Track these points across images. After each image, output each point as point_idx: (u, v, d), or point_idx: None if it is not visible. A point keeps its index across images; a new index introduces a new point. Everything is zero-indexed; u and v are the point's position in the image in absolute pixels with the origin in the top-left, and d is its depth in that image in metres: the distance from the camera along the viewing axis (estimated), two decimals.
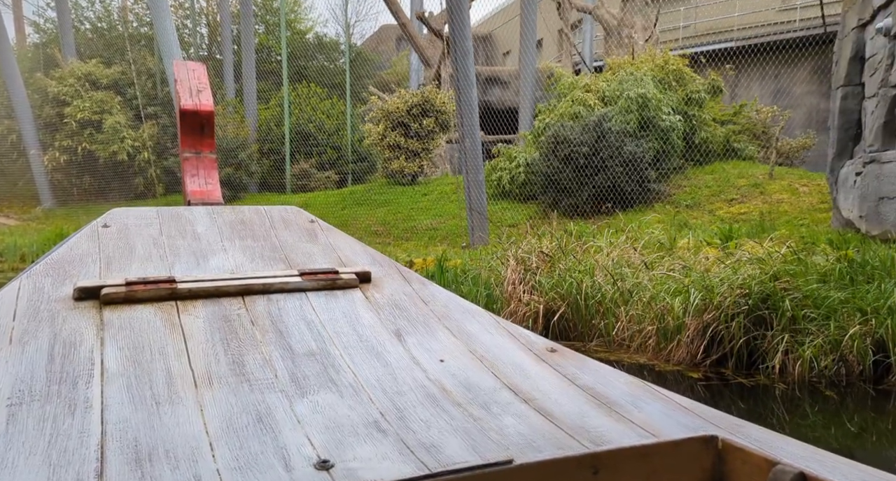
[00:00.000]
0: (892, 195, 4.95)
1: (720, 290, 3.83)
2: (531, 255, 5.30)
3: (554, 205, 10.56)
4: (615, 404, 1.14)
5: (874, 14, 5.47)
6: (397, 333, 1.41)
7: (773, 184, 9.31)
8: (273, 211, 2.02)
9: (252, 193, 16.66)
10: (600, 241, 6.05)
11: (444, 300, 1.60)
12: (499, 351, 1.36)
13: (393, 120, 13.79)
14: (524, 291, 5.06)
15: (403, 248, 9.62)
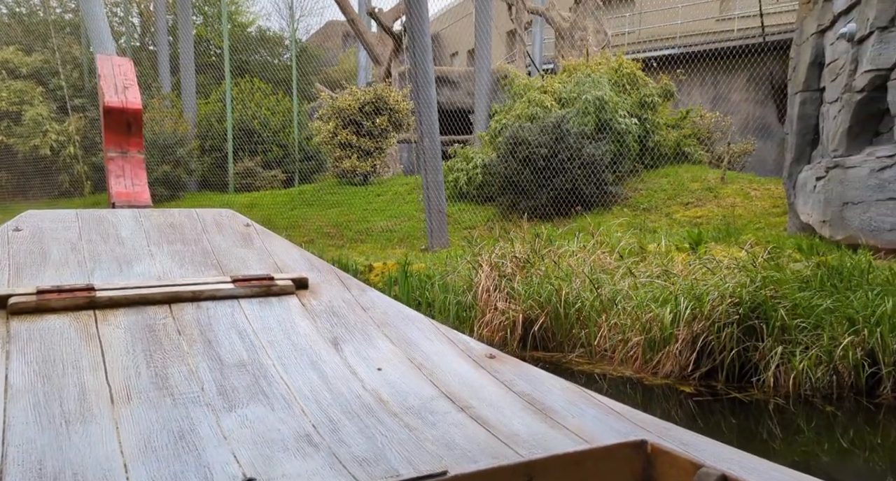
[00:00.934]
0: (856, 200, 5.01)
1: (710, 299, 3.69)
2: (505, 260, 5.06)
3: (513, 207, 10.42)
4: (551, 410, 1.14)
5: (834, 20, 5.55)
6: (334, 341, 1.36)
7: (726, 188, 9.51)
8: (206, 214, 1.95)
9: (192, 192, 15.75)
10: (570, 245, 5.90)
11: (384, 307, 1.56)
12: (438, 358, 1.33)
13: (344, 118, 13.32)
14: (500, 299, 4.82)
15: (359, 251, 9.22)
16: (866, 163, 4.89)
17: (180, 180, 15.11)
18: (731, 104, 17.14)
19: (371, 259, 8.15)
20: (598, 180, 9.78)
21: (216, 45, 22.63)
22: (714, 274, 4.04)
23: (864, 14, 4.80)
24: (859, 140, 5.06)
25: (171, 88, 18.12)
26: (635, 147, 10.73)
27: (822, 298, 3.69)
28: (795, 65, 6.48)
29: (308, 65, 22.71)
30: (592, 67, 11.51)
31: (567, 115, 10.22)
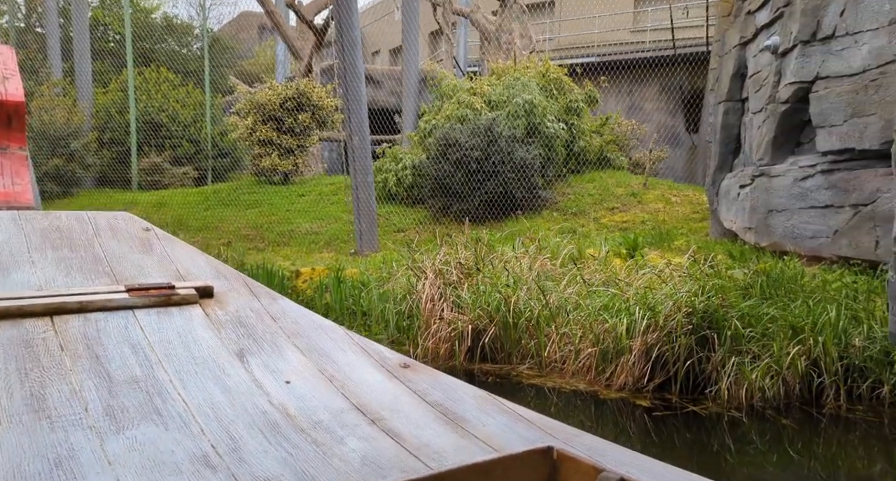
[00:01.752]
0: (780, 208, 5.24)
1: (664, 309, 3.65)
2: (450, 267, 4.83)
3: (445, 209, 10.24)
4: (462, 420, 1.14)
5: (756, 33, 5.79)
6: (240, 353, 1.30)
7: (648, 194, 9.83)
8: (99, 217, 1.84)
9: (88, 189, 14.35)
10: (510, 250, 5.78)
11: (296, 316, 1.51)
12: (350, 369, 1.30)
13: (264, 113, 12.60)
14: (445, 308, 4.59)
15: (282, 255, 8.68)
16: (790, 173, 5.11)
17: (74, 175, 13.71)
18: (645, 113, 17.91)
19: (297, 263, 7.67)
20: (530, 184, 9.82)
21: (115, 31, 20.90)
22: (666, 282, 4.02)
23: (787, 28, 5.02)
24: (783, 150, 5.29)
25: (64, 75, 16.45)
26: (563, 152, 10.88)
27: (766, 307, 3.75)
28: (718, 75, 6.73)
29: (221, 56, 21.50)
30: (520, 71, 11.57)
31: (498, 118, 10.19)
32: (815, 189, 4.85)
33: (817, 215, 4.84)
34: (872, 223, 4.33)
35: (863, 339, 3.37)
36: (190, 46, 24.65)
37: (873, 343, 3.34)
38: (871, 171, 4.35)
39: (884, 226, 4.24)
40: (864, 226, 4.40)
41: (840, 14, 4.48)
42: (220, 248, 7.84)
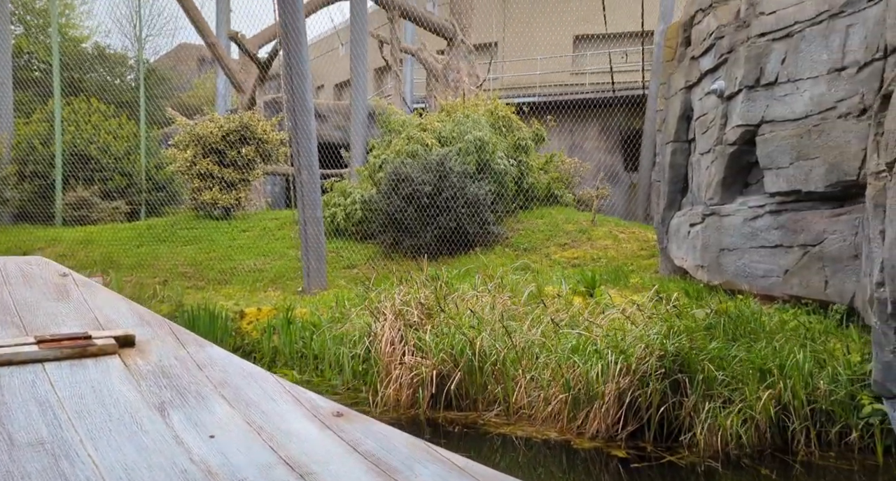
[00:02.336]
0: (731, 247, 5.37)
1: (636, 352, 3.57)
2: (410, 307, 4.63)
3: (395, 245, 10.05)
4: (395, 471, 1.11)
5: (700, 77, 6.04)
6: (161, 407, 1.23)
7: (597, 231, 10.01)
8: (9, 262, 1.74)
9: (5, 225, 13.26)
10: (467, 288, 5.64)
11: (224, 364, 1.45)
12: (280, 419, 1.24)
13: (205, 146, 12.14)
14: (407, 352, 4.36)
15: (224, 294, 8.20)
16: (739, 212, 5.27)
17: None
18: (585, 152, 18.51)
19: (241, 303, 7.24)
20: (482, 220, 9.80)
21: (41, 59, 19.91)
22: (635, 324, 3.96)
23: (732, 73, 5.25)
24: (732, 190, 5.47)
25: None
26: (513, 188, 10.98)
27: (734, 349, 3.73)
28: (665, 117, 6.97)
29: (157, 88, 20.84)
30: (470, 108, 11.71)
31: (449, 154, 10.19)
32: (765, 229, 5.00)
33: (768, 254, 4.97)
34: (821, 263, 4.46)
35: (828, 383, 3.39)
36: (123, 77, 23.82)
37: (839, 386, 3.36)
38: (818, 213, 4.52)
39: (832, 267, 4.38)
40: (813, 266, 4.54)
41: (781, 62, 4.71)
42: (155, 288, 7.32)
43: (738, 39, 5.18)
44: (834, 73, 4.27)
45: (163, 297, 7.03)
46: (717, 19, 5.59)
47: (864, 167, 4.09)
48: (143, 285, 7.56)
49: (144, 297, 6.86)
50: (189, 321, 5.99)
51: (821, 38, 4.35)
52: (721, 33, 5.44)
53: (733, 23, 5.33)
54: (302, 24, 8.31)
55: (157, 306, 6.81)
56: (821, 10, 4.33)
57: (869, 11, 3.97)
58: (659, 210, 7.12)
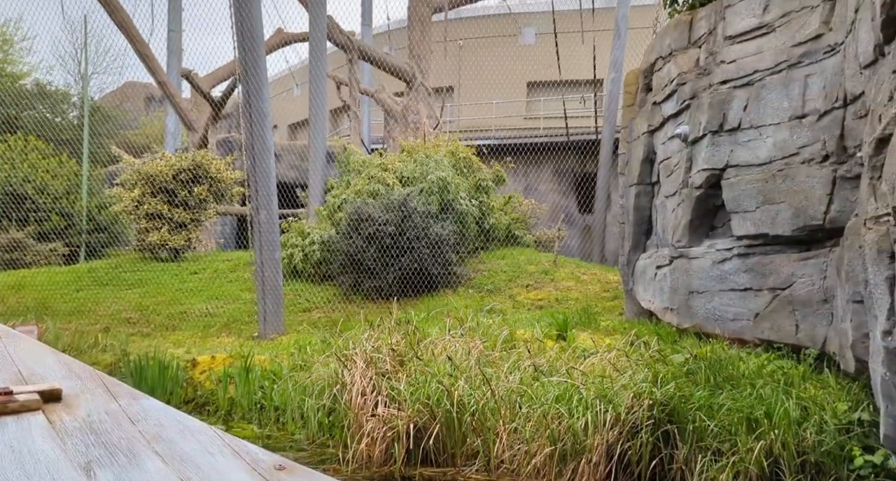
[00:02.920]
0: (701, 290, 5.39)
1: (624, 401, 3.44)
2: (382, 354, 4.38)
3: (356, 286, 9.75)
4: None
5: (663, 122, 6.21)
6: (87, 467, 1.16)
7: (559, 272, 10.03)
8: None
9: None
10: (435, 332, 5.44)
11: (159, 417, 1.39)
12: (217, 475, 1.19)
13: (155, 185, 11.65)
14: (380, 402, 4.09)
15: (172, 340, 7.67)
16: (708, 255, 5.33)
17: None
18: (541, 194, 18.84)
19: (192, 351, 6.76)
20: (445, 260, 9.67)
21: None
22: (619, 371, 3.84)
23: (695, 118, 5.41)
24: (699, 232, 5.54)
25: None
26: (475, 228, 10.95)
27: (719, 397, 3.65)
28: (628, 160, 7.11)
29: (102, 126, 20.18)
30: (430, 149, 11.74)
31: (412, 194, 10.10)
32: (734, 272, 5.04)
33: (737, 298, 5.00)
34: (791, 307, 4.50)
35: (815, 432, 3.33)
36: (65, 115, 23.03)
37: (827, 436, 3.30)
38: (785, 256, 4.58)
39: (802, 310, 4.42)
40: (783, 310, 4.57)
41: (744, 109, 4.88)
42: (97, 336, 6.77)
43: (701, 86, 5.36)
44: (795, 121, 4.42)
45: (105, 346, 6.50)
46: (677, 66, 5.79)
47: (829, 211, 4.20)
48: (83, 333, 6.98)
49: (84, 347, 6.32)
50: (136, 372, 5.52)
51: (781, 86, 4.52)
52: (683, 80, 5.63)
53: (694, 70, 5.53)
54: (262, 62, 8.17)
55: (99, 356, 6.28)
56: (779, 61, 4.52)
57: (826, 62, 4.16)
58: (624, 252, 7.16)
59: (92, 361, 6.05)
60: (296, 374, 5.55)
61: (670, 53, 6.00)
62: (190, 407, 5.52)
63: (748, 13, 4.80)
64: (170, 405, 4.83)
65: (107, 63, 30.03)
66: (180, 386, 5.65)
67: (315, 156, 12.37)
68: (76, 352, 6.13)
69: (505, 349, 5.20)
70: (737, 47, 4.94)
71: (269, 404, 5.21)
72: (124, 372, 5.88)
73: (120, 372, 5.94)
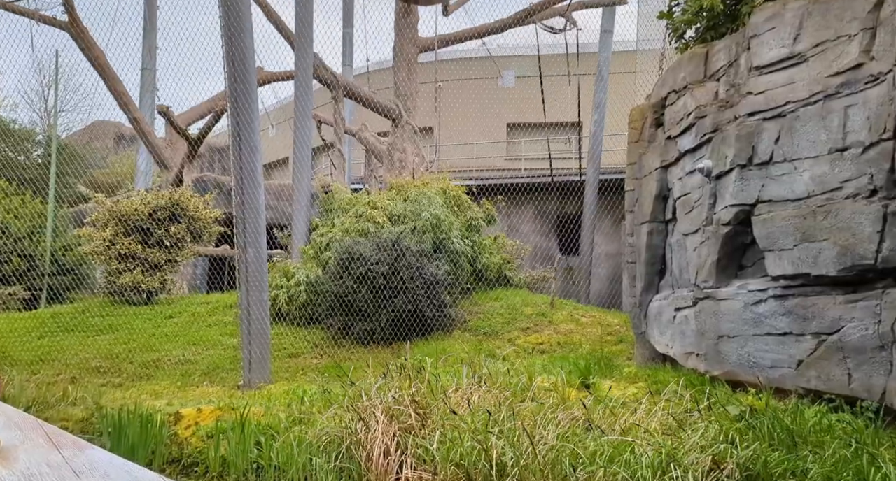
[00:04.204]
0: (732, 334, 5.07)
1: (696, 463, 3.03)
2: (406, 407, 3.90)
3: (345, 330, 9.19)
4: None
5: (679, 157, 6.03)
6: None
7: (557, 314, 9.67)
8: None
9: None
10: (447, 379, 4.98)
11: (105, 468, 1.32)
12: None
13: (128, 224, 11.00)
14: (405, 463, 3.59)
15: (149, 391, 6.96)
16: (739, 296, 5.03)
17: None
18: (522, 234, 18.70)
19: (175, 403, 6.09)
20: (439, 302, 9.22)
21: None
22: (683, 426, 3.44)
23: (720, 152, 5.23)
24: (727, 272, 5.28)
25: None
26: (468, 268, 10.59)
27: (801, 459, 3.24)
28: (637, 197, 6.91)
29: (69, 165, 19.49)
30: (419, 187, 11.45)
31: (404, 232, 9.73)
32: (770, 315, 4.75)
33: (775, 343, 4.69)
34: (842, 354, 4.18)
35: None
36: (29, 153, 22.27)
37: None
38: (830, 298, 4.30)
39: (855, 358, 4.09)
40: (832, 357, 4.25)
41: (775, 141, 4.70)
42: (65, 388, 6.07)
43: (724, 119, 5.20)
44: (836, 153, 4.24)
45: (75, 399, 5.80)
46: (694, 100, 5.66)
47: (880, 250, 3.96)
48: (50, 384, 6.27)
49: (52, 400, 5.63)
50: (115, 429, 4.87)
51: (817, 118, 4.37)
52: (702, 113, 5.48)
53: (714, 103, 5.40)
54: (254, 93, 7.83)
55: (69, 410, 5.59)
56: (815, 91, 4.38)
57: (870, 92, 4.02)
58: (635, 293, 6.87)
59: (61, 417, 5.36)
60: (295, 429, 4.98)
61: (685, 87, 5.89)
62: (176, 469, 4.88)
63: (777, 43, 4.69)
64: (153, 465, 4.18)
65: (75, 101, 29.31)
66: (164, 444, 5.01)
67: (299, 194, 11.93)
68: (42, 406, 5.44)
69: (524, 399, 4.76)
70: (765, 78, 4.81)
71: (268, 464, 4.62)
72: (99, 429, 5.22)
73: (94, 429, 5.27)
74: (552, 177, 17.69)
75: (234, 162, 7.68)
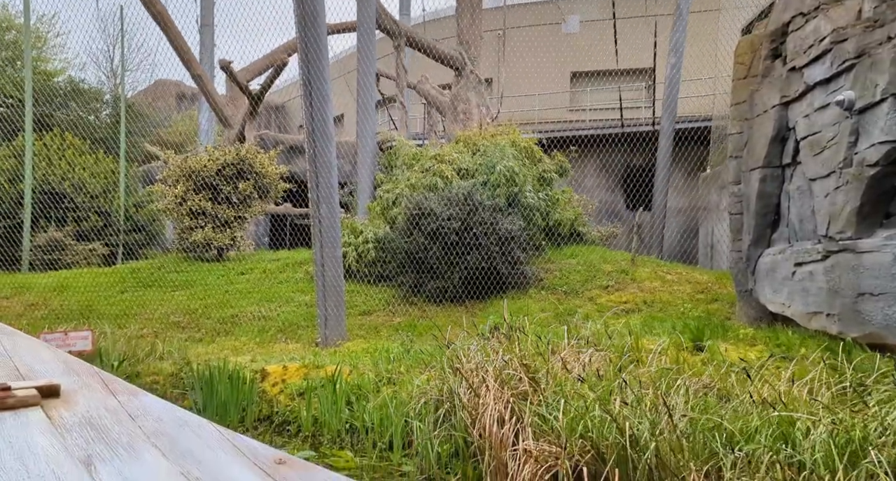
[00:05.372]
0: (876, 291, 4.45)
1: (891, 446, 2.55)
2: (517, 372, 3.56)
3: (416, 287, 8.95)
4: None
5: (806, 90, 5.27)
6: (87, 461, 1.14)
7: (639, 271, 9.09)
8: None
9: None
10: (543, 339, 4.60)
11: (159, 413, 1.36)
12: (218, 469, 1.15)
13: (197, 181, 11.00)
14: (522, 434, 3.26)
15: (229, 347, 6.95)
16: (887, 248, 4.38)
17: None
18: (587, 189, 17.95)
19: (258, 359, 6.01)
20: (513, 259, 8.81)
21: (8, 94, 18.85)
22: (855, 401, 2.94)
23: (866, 80, 4.48)
24: (870, 221, 4.61)
25: None
26: (542, 224, 10.09)
27: None
28: (747, 140, 6.19)
29: (134, 124, 19.82)
30: (488, 139, 10.90)
31: (475, 187, 9.29)
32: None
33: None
34: None
35: None
36: (98, 113, 22.78)
37: None
38: None
39: None
40: None
41: None
42: (153, 343, 6.07)
43: (872, 41, 4.43)
44: None
45: (162, 354, 5.79)
46: (830, 21, 4.86)
47: None
48: (139, 338, 6.30)
49: (141, 355, 5.61)
50: (205, 385, 4.78)
51: None
52: (841, 36, 4.70)
53: (857, 23, 4.61)
54: (324, 40, 7.42)
55: (157, 365, 5.56)
56: None
57: None
58: (742, 247, 6.24)
59: (151, 371, 5.35)
60: (384, 390, 4.77)
61: (817, 7, 5.07)
62: (268, 427, 4.76)
63: None
64: (244, 423, 4.00)
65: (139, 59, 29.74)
66: (254, 401, 4.90)
67: (363, 149, 11.60)
68: (133, 360, 5.42)
69: (631, 361, 4.35)
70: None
71: (362, 425, 4.42)
72: (188, 384, 5.15)
73: (183, 384, 5.22)
74: (622, 128, 16.71)
75: (305, 113, 7.36)
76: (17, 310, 7.92)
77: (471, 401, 3.60)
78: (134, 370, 5.23)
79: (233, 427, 4.78)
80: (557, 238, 10.67)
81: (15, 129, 14.57)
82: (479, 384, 3.58)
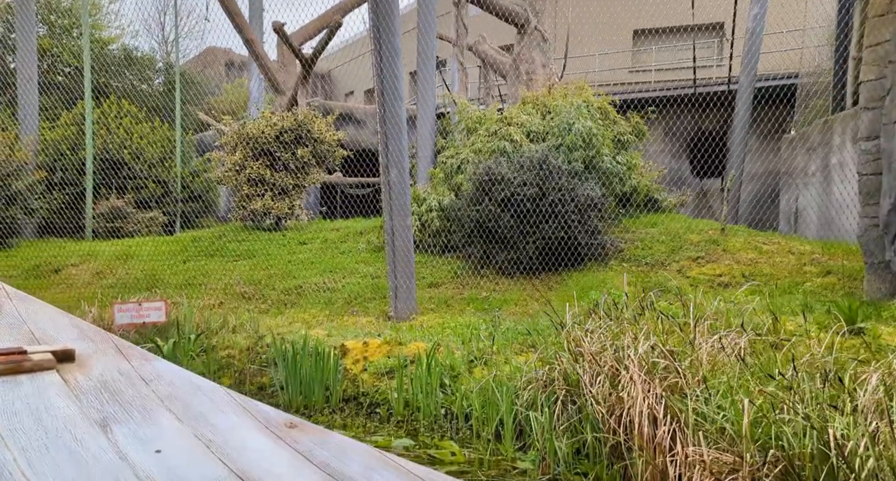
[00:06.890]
0: None
1: None
2: (665, 359, 3.01)
3: (486, 258, 8.45)
4: (350, 479, 1.05)
5: None
6: (102, 423, 1.16)
7: (731, 241, 8.32)
8: None
9: (29, 240, 11.87)
10: None
11: (171, 377, 1.38)
12: (231, 432, 1.17)
13: (255, 147, 10.68)
14: (681, 437, 2.73)
15: (301, 320, 6.63)
16: None
17: (14, 222, 11.26)
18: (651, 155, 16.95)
19: (333, 333, 5.66)
20: (591, 228, 8.18)
21: (66, 62, 18.89)
22: None
23: None
24: None
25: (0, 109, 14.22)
26: (619, 190, 9.38)
27: None
28: (889, 88, 5.33)
29: (187, 92, 19.71)
30: (558, 99, 10.16)
31: (550, 150, 8.63)
32: None
33: None
34: None
35: None
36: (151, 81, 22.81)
37: None
38: None
39: None
40: None
41: None
42: (225, 317, 5.77)
43: None
44: None
45: (234, 327, 5.49)
46: None
47: None
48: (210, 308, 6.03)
49: (214, 327, 5.32)
50: (289, 362, 4.42)
51: None
52: None
53: None
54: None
55: (232, 338, 5.26)
56: None
57: None
58: (879, 213, 5.46)
59: (226, 345, 5.04)
60: (477, 371, 4.31)
61: None
62: (354, 408, 4.39)
63: None
64: (329, 404, 3.61)
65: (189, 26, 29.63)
66: (338, 381, 4.53)
67: (424, 112, 11.02)
68: (207, 332, 5.12)
69: (772, 345, 3.74)
70: None
71: (459, 411, 3.98)
72: (266, 359, 4.83)
73: (260, 359, 4.89)
74: (695, 88, 15.57)
75: (375, 71, 6.82)
76: (86, 277, 7.82)
77: (601, 392, 3.08)
78: (209, 343, 4.94)
79: (318, 407, 4.42)
80: (632, 206, 9.95)
81: (73, 98, 14.57)
82: (611, 371, 3.06)
